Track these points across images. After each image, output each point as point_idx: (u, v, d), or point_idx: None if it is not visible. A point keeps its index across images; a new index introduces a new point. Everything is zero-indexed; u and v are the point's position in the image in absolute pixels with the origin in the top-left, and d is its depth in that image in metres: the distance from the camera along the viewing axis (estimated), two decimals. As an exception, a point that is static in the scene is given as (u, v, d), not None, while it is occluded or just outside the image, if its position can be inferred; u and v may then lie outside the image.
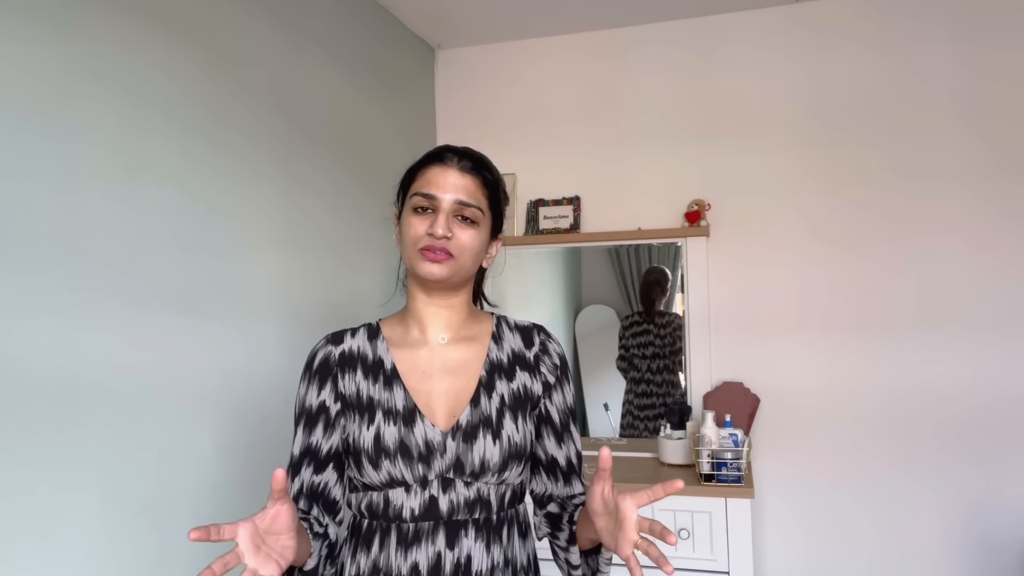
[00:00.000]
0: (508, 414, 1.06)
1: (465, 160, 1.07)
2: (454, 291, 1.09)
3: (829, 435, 2.38)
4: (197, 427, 1.52)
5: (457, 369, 1.08)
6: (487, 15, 2.53)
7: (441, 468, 1.02)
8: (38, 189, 1.19)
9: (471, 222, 1.05)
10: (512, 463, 1.04)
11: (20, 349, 1.15)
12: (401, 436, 1.02)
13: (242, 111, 1.70)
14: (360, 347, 1.10)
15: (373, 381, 1.07)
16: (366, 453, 1.02)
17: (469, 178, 1.06)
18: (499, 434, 1.04)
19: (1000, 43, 2.28)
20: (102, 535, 1.28)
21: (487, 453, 1.02)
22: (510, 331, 1.15)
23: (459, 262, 1.04)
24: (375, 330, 1.13)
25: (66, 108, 1.25)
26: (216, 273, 1.60)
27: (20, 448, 1.15)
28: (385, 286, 2.35)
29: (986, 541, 2.24)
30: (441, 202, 1.03)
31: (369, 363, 1.09)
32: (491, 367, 1.10)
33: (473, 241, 1.05)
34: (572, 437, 1.15)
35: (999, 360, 2.24)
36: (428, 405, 1.05)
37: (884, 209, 2.36)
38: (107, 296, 1.31)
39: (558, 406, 1.13)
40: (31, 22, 1.19)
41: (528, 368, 1.12)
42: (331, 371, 1.08)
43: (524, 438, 1.06)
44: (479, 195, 1.06)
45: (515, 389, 1.09)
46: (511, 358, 1.12)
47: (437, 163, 1.07)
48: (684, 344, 2.53)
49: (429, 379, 1.07)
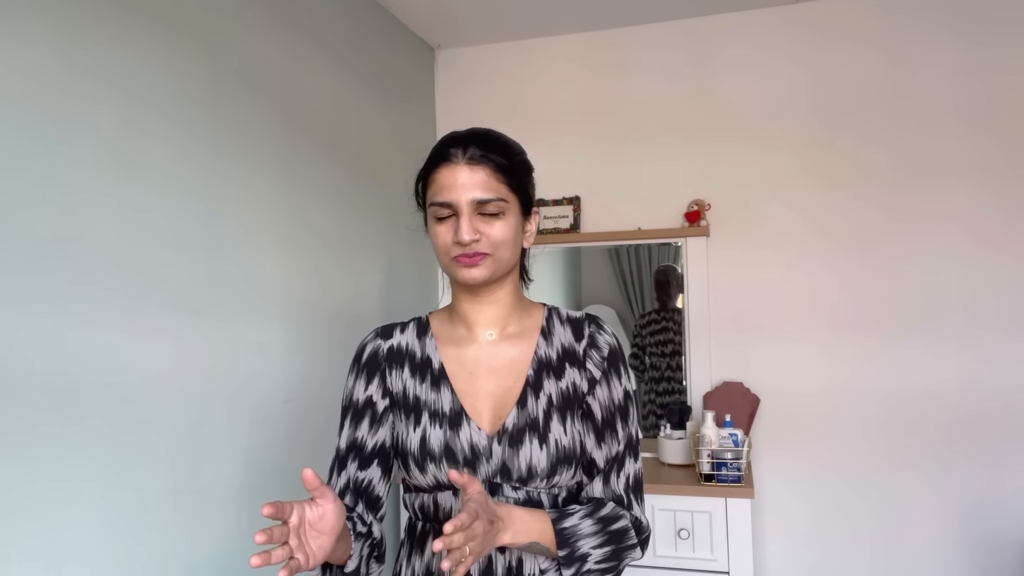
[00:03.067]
0: (556, 416, 1.01)
1: (472, 148, 1.00)
2: (499, 285, 1.05)
3: (829, 435, 2.38)
4: (198, 426, 1.52)
5: (503, 369, 1.05)
6: (487, 15, 2.53)
7: (487, 473, 0.99)
8: (39, 189, 1.19)
9: (496, 215, 0.99)
10: (561, 467, 1.00)
11: (20, 349, 1.15)
12: (447, 439, 0.99)
13: (242, 111, 1.70)
14: (409, 343, 1.08)
15: (420, 380, 1.04)
16: (412, 456, 1.00)
17: (480, 170, 0.99)
18: (546, 438, 1.00)
19: (1001, 41, 2.27)
20: (102, 533, 1.28)
21: (534, 458, 0.98)
22: (561, 324, 1.09)
23: (496, 257, 1.00)
24: (424, 325, 1.10)
25: (67, 108, 1.25)
26: (216, 272, 1.60)
27: (21, 446, 1.15)
28: (386, 286, 2.35)
29: (987, 541, 2.24)
30: (459, 207, 0.98)
31: (417, 361, 1.06)
32: (539, 365, 1.05)
33: (504, 232, 1.00)
34: (617, 436, 1.06)
35: (1001, 359, 2.24)
36: (474, 407, 1.02)
37: (884, 208, 2.36)
38: (108, 295, 1.31)
39: (601, 402, 1.05)
40: (31, 21, 1.19)
41: (577, 364, 1.06)
42: (379, 366, 1.06)
43: (573, 440, 1.01)
44: (495, 184, 0.99)
45: (564, 388, 1.04)
46: (560, 354, 1.06)
47: (444, 164, 1.01)
48: (684, 344, 2.53)
49: (475, 379, 1.04)
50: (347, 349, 2.08)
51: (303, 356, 1.90)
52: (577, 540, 0.98)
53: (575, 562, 0.97)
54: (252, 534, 1.66)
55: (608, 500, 1.04)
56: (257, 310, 1.73)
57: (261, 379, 1.73)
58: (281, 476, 1.78)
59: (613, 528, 1.02)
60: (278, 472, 1.77)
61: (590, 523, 1.00)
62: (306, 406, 1.90)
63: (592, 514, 1.01)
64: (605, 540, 1.00)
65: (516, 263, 1.07)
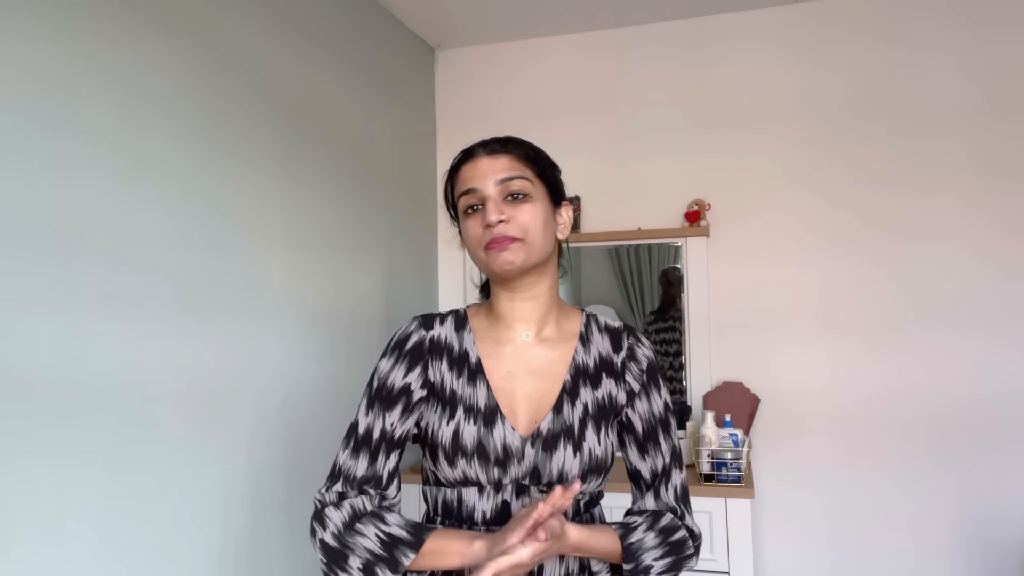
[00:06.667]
0: (591, 424, 1.02)
1: (492, 144, 1.04)
2: (536, 277, 1.04)
3: (829, 435, 2.38)
4: (197, 426, 1.52)
5: (542, 371, 1.05)
6: (487, 15, 2.53)
7: (517, 474, 0.99)
8: (39, 188, 1.19)
9: (523, 196, 1.00)
10: (591, 476, 1.01)
11: (21, 348, 1.15)
12: (480, 436, 0.99)
13: (243, 110, 1.70)
14: (448, 336, 1.07)
15: (458, 374, 1.04)
16: (443, 449, 1.00)
17: (501, 157, 1.02)
18: (580, 446, 1.00)
19: (1001, 41, 2.28)
20: (102, 533, 1.28)
21: (566, 464, 0.99)
22: (599, 332, 1.10)
23: (527, 242, 0.99)
24: (463, 319, 1.09)
25: (68, 107, 1.25)
26: (217, 271, 1.60)
27: (21, 446, 1.15)
28: (386, 285, 2.35)
29: (986, 541, 2.24)
30: (483, 190, 1.00)
31: (455, 354, 1.06)
32: (576, 371, 1.05)
33: (533, 215, 1.00)
34: (660, 448, 1.08)
35: (1000, 359, 2.24)
36: (510, 406, 1.02)
37: (884, 208, 2.36)
38: (108, 294, 1.31)
39: (642, 415, 1.07)
40: (32, 20, 1.19)
41: (615, 375, 1.07)
42: (423, 356, 1.05)
43: (605, 450, 1.02)
44: (519, 166, 1.02)
45: (599, 398, 1.05)
46: (598, 363, 1.07)
47: (467, 160, 1.04)
48: (684, 344, 2.53)
49: (513, 378, 1.04)
50: (347, 348, 2.08)
51: (303, 355, 1.90)
52: (642, 553, 1.01)
53: (639, 575, 1.00)
54: (252, 533, 1.67)
55: (665, 512, 1.07)
56: (257, 309, 1.73)
57: (261, 378, 1.73)
58: (281, 476, 1.78)
59: (673, 539, 1.04)
60: (278, 471, 1.77)
61: (653, 536, 1.03)
62: (306, 405, 1.90)
63: (653, 526, 1.04)
64: (666, 551, 1.03)
65: (551, 255, 1.06)
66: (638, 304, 2.65)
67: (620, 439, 1.09)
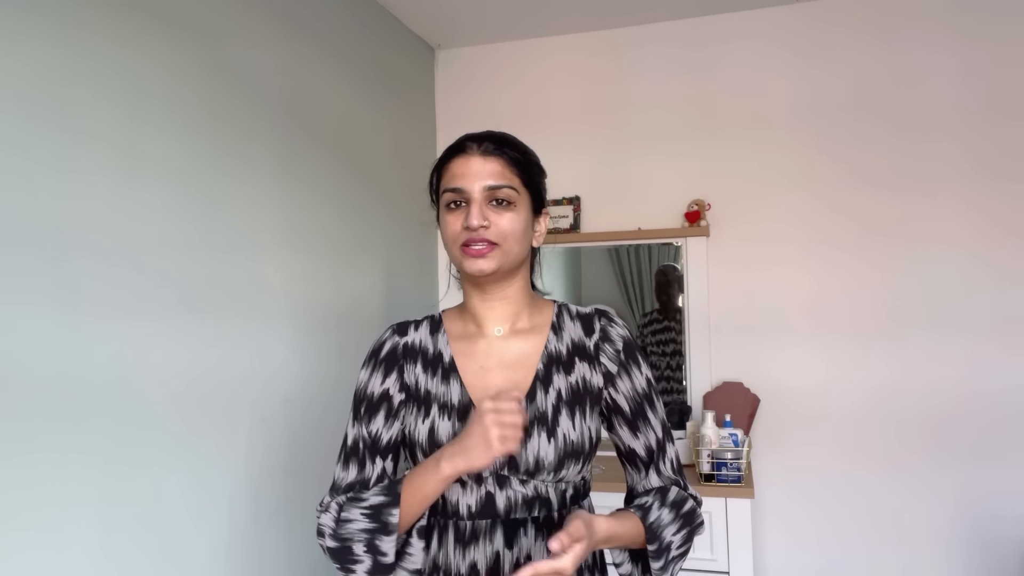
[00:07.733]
0: (565, 410, 1.03)
1: (487, 143, 1.03)
2: (507, 280, 1.06)
3: (829, 435, 2.38)
4: (198, 426, 1.52)
5: (514, 363, 1.06)
6: (487, 15, 2.53)
7: (495, 465, 1.00)
8: (39, 188, 1.19)
9: (507, 204, 1.01)
10: (569, 462, 1.01)
11: (21, 348, 1.15)
12: (455, 431, 1.01)
13: (243, 110, 1.70)
14: (422, 340, 1.10)
15: (432, 374, 1.06)
16: (421, 447, 1.02)
17: (494, 160, 1.02)
18: (554, 432, 1.01)
19: (1001, 41, 2.27)
20: (102, 534, 1.28)
21: (541, 452, 1.00)
22: (571, 320, 1.11)
23: (504, 249, 1.01)
24: (437, 323, 1.12)
25: (67, 106, 1.25)
26: (217, 271, 1.60)
27: (21, 446, 1.15)
28: (386, 285, 2.35)
29: (986, 540, 2.24)
30: (470, 192, 1.00)
31: (429, 356, 1.08)
32: (549, 360, 1.06)
33: (513, 224, 1.01)
34: (650, 424, 1.08)
35: (999, 359, 2.24)
36: (483, 400, 1.02)
37: (884, 208, 2.36)
38: (108, 294, 1.31)
39: (626, 394, 1.07)
40: (32, 19, 1.19)
41: (588, 358, 1.07)
42: (397, 361, 1.08)
43: (582, 435, 1.02)
44: (508, 174, 1.02)
45: (573, 383, 1.05)
46: (570, 349, 1.08)
47: (459, 154, 1.04)
48: (684, 344, 2.53)
49: (487, 373, 1.05)
50: (347, 348, 2.08)
51: (303, 355, 1.90)
52: (662, 531, 1.01)
53: (663, 553, 1.01)
54: (252, 533, 1.67)
55: (670, 486, 1.08)
56: (257, 309, 1.73)
57: (261, 378, 1.73)
58: (281, 475, 1.78)
59: (684, 511, 1.06)
60: (278, 471, 1.77)
61: (667, 512, 1.04)
62: (306, 405, 1.90)
63: (665, 502, 1.05)
64: (681, 525, 1.04)
65: (525, 260, 1.08)
66: (638, 304, 2.65)
67: (609, 423, 1.10)
